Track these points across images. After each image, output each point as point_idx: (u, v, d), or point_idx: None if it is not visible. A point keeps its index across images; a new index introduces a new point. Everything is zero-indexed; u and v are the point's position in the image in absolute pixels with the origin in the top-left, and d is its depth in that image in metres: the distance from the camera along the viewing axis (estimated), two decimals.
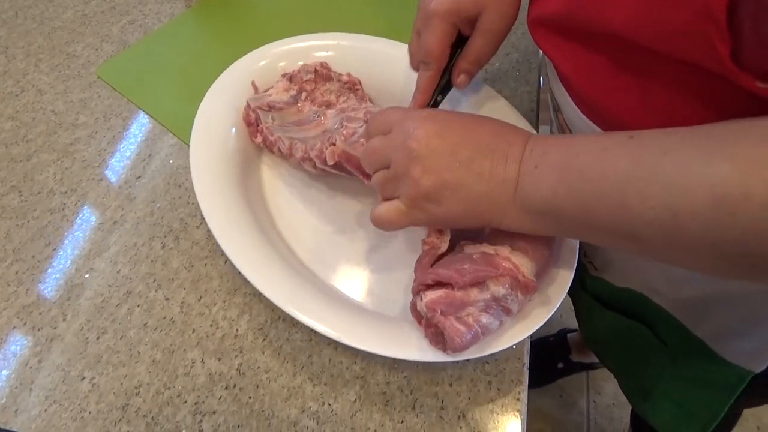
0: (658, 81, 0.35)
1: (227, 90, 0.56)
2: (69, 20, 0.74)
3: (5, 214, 0.56)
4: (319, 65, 0.56)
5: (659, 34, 0.32)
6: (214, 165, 0.51)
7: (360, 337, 0.41)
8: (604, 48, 0.37)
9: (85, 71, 0.68)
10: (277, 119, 0.54)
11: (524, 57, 0.66)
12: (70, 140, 0.62)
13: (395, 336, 0.42)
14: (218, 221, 0.47)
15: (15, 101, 0.65)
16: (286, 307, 0.42)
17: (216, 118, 0.54)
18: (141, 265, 0.52)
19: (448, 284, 0.39)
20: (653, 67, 0.35)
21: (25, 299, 0.50)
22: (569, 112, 0.45)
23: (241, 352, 0.47)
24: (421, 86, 0.48)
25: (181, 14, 0.74)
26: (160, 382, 0.45)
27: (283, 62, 0.58)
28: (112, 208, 0.56)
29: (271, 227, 0.51)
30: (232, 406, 0.44)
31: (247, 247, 0.46)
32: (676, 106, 0.35)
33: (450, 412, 0.43)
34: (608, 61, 0.37)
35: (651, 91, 0.36)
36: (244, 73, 0.57)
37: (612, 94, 0.38)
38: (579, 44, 0.39)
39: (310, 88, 0.56)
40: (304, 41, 0.59)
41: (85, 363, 0.47)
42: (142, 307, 0.49)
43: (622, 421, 1.23)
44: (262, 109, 0.53)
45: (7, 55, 0.71)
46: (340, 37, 0.59)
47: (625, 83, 0.37)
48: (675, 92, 0.34)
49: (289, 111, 0.54)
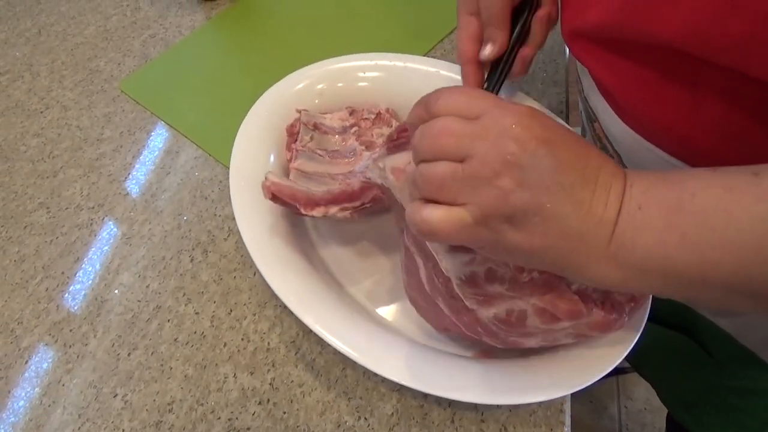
0: (712, 93, 0.33)
1: (266, 112, 0.54)
2: (91, 36, 0.75)
3: (34, 230, 0.56)
4: (385, 109, 0.54)
5: (720, 44, 0.30)
6: (255, 196, 0.48)
7: (422, 380, 0.39)
8: (652, 60, 0.36)
9: (109, 86, 0.68)
10: (316, 141, 0.52)
11: (550, 57, 0.65)
12: (95, 155, 0.62)
13: (453, 375, 0.39)
14: (259, 248, 0.45)
15: (40, 118, 0.66)
16: (341, 346, 0.40)
17: (255, 142, 0.52)
18: (170, 279, 0.51)
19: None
20: (708, 79, 0.33)
21: (55, 316, 0.50)
22: (609, 123, 0.44)
23: (273, 366, 0.46)
24: (474, 72, 0.44)
25: (201, 26, 0.74)
26: (193, 398, 0.45)
27: (322, 84, 0.56)
28: (139, 222, 0.56)
29: (312, 250, 0.49)
30: (266, 422, 0.43)
31: (287, 272, 0.44)
32: (731, 119, 0.33)
33: (491, 425, 0.42)
34: (657, 73, 0.36)
35: (704, 104, 0.34)
36: (284, 96, 0.55)
37: (661, 106, 0.37)
38: (624, 56, 0.38)
39: (365, 126, 0.54)
40: (344, 62, 0.57)
41: (117, 380, 0.46)
42: (172, 322, 0.49)
43: (655, 426, 1.20)
44: (307, 126, 0.52)
45: (31, 72, 0.71)
46: (380, 57, 0.57)
47: (675, 95, 0.35)
48: (730, 105, 0.33)
49: (332, 139, 0.53)
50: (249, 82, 0.67)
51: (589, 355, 0.39)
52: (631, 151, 0.44)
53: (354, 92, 0.56)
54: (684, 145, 0.38)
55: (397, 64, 0.56)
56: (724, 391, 0.52)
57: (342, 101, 0.56)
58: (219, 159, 0.60)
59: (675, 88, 0.35)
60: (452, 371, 0.39)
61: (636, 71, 0.37)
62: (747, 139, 0.34)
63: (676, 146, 0.40)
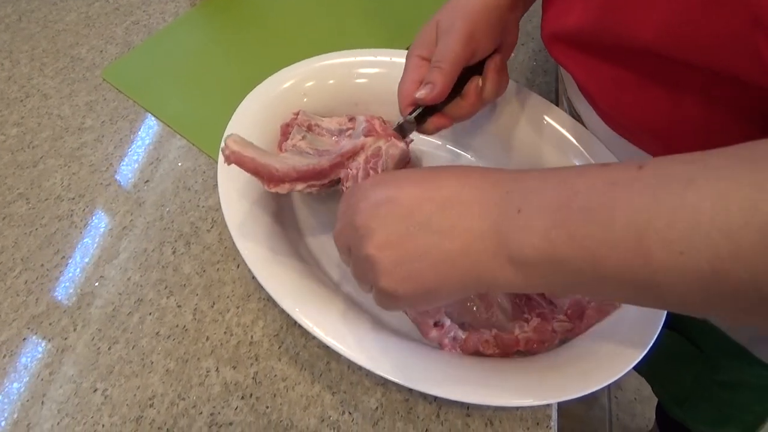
0: (691, 93, 0.33)
1: (257, 107, 0.52)
2: (72, 23, 0.73)
3: (13, 222, 0.55)
4: (380, 122, 0.49)
5: (696, 45, 0.30)
6: (242, 185, 0.47)
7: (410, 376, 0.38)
8: (630, 63, 0.35)
9: (90, 74, 0.67)
10: (308, 141, 0.50)
11: (540, 46, 0.64)
12: (76, 145, 0.60)
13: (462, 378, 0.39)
14: (247, 244, 0.43)
15: (20, 106, 0.64)
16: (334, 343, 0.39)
17: (249, 131, 0.49)
18: (152, 272, 0.50)
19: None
20: (686, 80, 0.33)
21: (35, 309, 0.49)
22: (592, 125, 0.43)
23: (256, 360, 0.45)
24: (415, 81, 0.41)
25: (185, 13, 0.72)
26: (175, 392, 0.44)
27: (312, 81, 0.54)
28: (121, 214, 0.55)
29: (301, 243, 0.48)
30: (249, 417, 0.42)
31: (277, 268, 0.43)
32: (711, 118, 0.33)
33: (476, 420, 0.41)
34: (636, 76, 0.35)
35: (683, 105, 0.34)
36: (276, 91, 0.53)
37: (641, 108, 0.36)
38: (603, 59, 0.37)
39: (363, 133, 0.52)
40: (344, 57, 0.54)
41: (97, 374, 0.45)
42: (153, 315, 0.48)
43: (645, 416, 1.20)
44: (300, 126, 0.51)
45: (11, 59, 0.69)
46: (379, 53, 0.54)
47: (654, 97, 0.35)
48: (709, 105, 0.32)
49: (326, 140, 0.51)
50: (234, 70, 0.66)
51: (587, 363, 0.38)
52: (614, 152, 0.44)
53: (352, 88, 0.54)
54: (666, 146, 0.38)
55: (395, 60, 0.54)
56: (715, 385, 0.52)
57: (341, 97, 0.54)
58: (203, 149, 0.59)
59: (654, 90, 0.35)
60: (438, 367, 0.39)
61: (615, 74, 0.37)
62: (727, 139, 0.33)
63: (658, 147, 0.39)
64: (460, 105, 0.42)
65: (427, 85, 0.39)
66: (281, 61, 0.54)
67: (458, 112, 0.42)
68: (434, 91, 0.39)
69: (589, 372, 0.37)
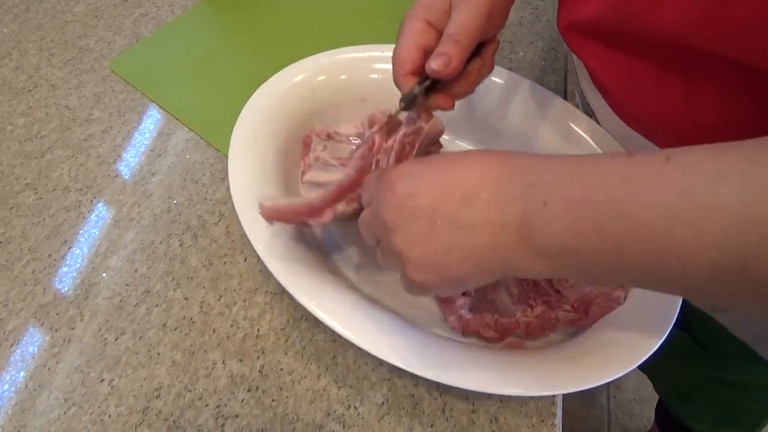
0: (707, 84, 0.33)
1: (268, 101, 0.51)
2: (81, 13, 0.73)
3: (20, 212, 0.55)
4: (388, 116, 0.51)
5: (721, 34, 0.29)
6: (254, 183, 0.46)
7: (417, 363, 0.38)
8: (647, 53, 0.35)
9: (98, 65, 0.67)
10: (329, 150, 0.50)
11: (549, 45, 0.64)
12: (84, 136, 0.60)
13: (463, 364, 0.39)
14: (261, 242, 0.43)
15: (28, 97, 0.64)
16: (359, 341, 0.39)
17: (255, 135, 0.49)
18: (159, 264, 0.51)
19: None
20: (704, 71, 0.32)
21: (42, 299, 0.49)
22: (604, 118, 0.43)
23: (263, 353, 0.45)
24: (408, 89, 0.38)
25: (194, 6, 0.72)
26: (181, 384, 0.44)
27: (324, 75, 0.53)
28: (129, 205, 0.55)
29: (315, 245, 0.48)
30: (255, 409, 0.43)
31: (293, 264, 0.43)
32: (727, 110, 0.33)
33: (481, 415, 0.41)
34: (652, 66, 0.35)
35: (699, 96, 0.34)
36: (286, 86, 0.52)
37: (656, 100, 0.36)
38: (619, 50, 0.37)
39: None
40: (357, 52, 0.54)
41: (104, 364, 0.45)
42: (160, 307, 0.48)
43: (644, 416, 1.20)
44: (319, 136, 0.50)
45: (19, 50, 0.69)
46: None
47: (669, 88, 0.35)
48: (726, 96, 0.32)
49: (345, 146, 0.50)
50: (243, 64, 0.66)
51: (592, 358, 0.39)
52: (626, 146, 0.44)
53: (363, 84, 0.53)
54: (679, 140, 0.38)
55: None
56: (718, 384, 0.52)
57: (350, 93, 0.53)
58: (211, 142, 0.59)
59: (670, 81, 0.35)
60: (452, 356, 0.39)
61: (631, 65, 0.37)
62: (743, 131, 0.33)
63: (672, 141, 0.39)
64: (462, 84, 0.39)
65: (441, 56, 0.36)
66: (290, 55, 0.54)
67: (460, 93, 0.40)
68: (451, 65, 0.36)
69: (604, 363, 0.38)
